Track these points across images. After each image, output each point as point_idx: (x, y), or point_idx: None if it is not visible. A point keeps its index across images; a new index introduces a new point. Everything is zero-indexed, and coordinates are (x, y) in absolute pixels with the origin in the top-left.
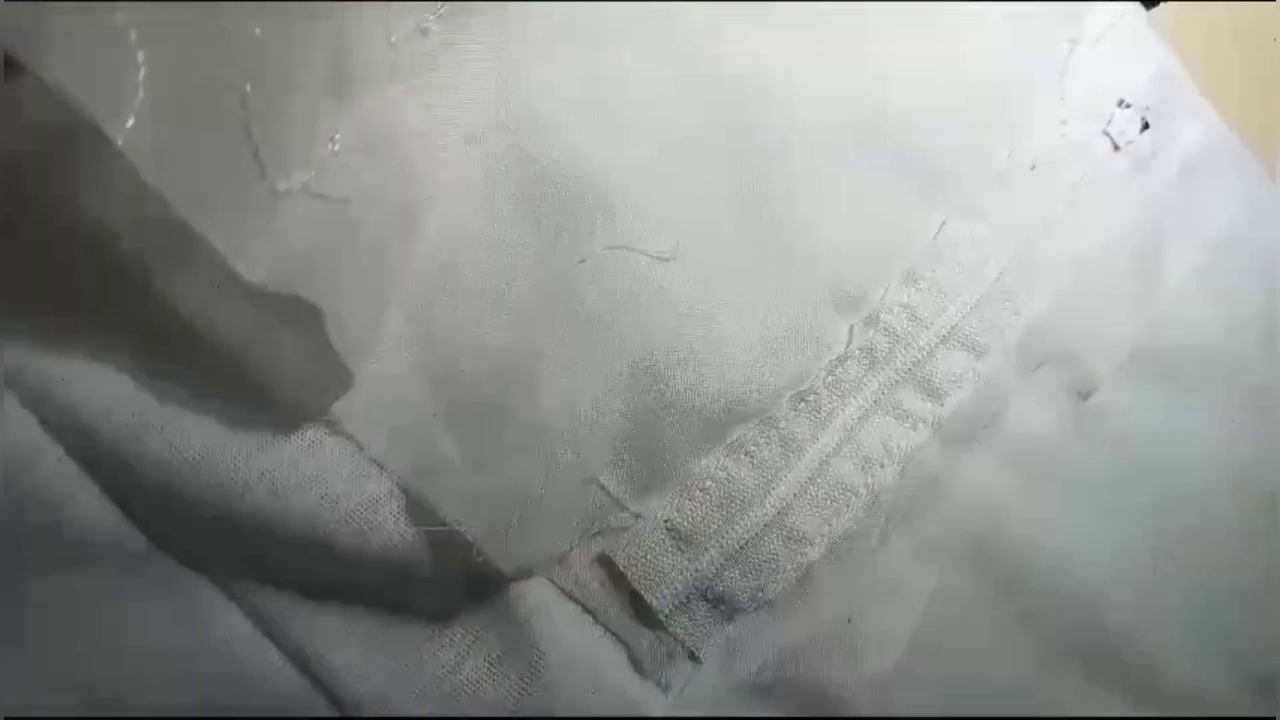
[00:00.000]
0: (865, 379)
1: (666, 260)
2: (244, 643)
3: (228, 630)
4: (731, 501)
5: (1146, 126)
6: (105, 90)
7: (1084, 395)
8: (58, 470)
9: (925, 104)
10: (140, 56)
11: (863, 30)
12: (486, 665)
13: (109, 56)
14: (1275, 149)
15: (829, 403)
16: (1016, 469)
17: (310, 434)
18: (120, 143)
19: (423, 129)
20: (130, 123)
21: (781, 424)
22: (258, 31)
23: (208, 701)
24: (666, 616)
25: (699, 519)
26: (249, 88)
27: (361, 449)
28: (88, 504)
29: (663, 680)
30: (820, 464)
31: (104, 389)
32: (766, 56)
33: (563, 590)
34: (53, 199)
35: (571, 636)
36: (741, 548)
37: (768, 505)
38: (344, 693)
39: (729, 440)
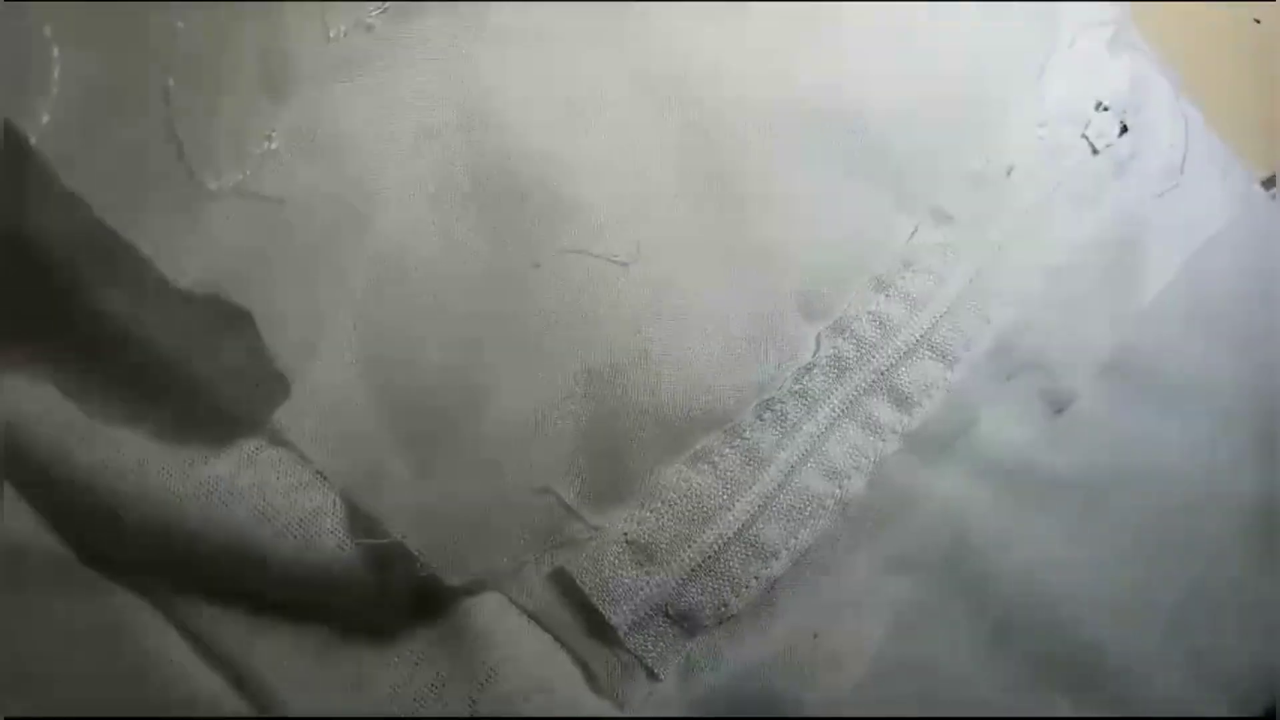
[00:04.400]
0: (833, 388)
1: (625, 265)
2: (181, 664)
3: (164, 651)
4: (694, 514)
5: (1125, 130)
6: (18, 88)
7: (1059, 406)
8: None
9: (899, 106)
10: (55, 53)
11: (834, 30)
12: (435, 683)
13: (22, 53)
14: (1258, 150)
15: (795, 412)
16: (989, 481)
17: (249, 444)
18: (34, 141)
19: (369, 127)
20: (45, 120)
21: (746, 434)
22: (180, 25)
23: None
24: (625, 634)
25: (659, 533)
26: (171, 82)
27: (303, 459)
28: (17, 520)
29: (620, 697)
30: (786, 475)
31: (32, 401)
32: (731, 56)
33: (517, 605)
34: None
35: (526, 652)
36: (703, 562)
37: (731, 518)
38: (284, 714)
39: (691, 450)
